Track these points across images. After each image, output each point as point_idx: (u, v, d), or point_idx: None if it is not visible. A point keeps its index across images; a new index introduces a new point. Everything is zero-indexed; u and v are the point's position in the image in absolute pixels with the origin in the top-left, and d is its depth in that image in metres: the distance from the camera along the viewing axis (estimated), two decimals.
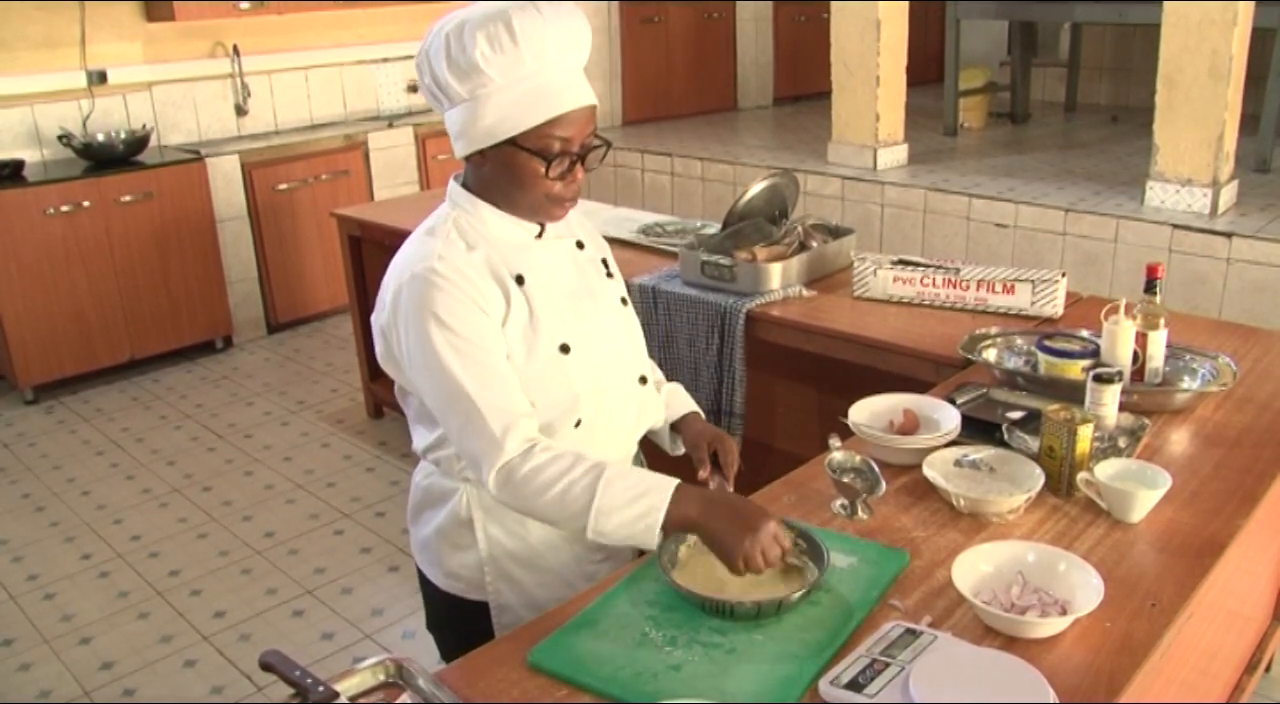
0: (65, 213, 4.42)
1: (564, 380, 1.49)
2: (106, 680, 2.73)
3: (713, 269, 2.80)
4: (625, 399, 1.61)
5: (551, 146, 1.41)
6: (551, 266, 1.54)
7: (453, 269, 1.43)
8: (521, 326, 1.47)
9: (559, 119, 1.40)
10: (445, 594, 1.65)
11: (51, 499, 3.72)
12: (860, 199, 5.04)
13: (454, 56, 1.38)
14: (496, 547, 1.59)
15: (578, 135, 1.43)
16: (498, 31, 1.35)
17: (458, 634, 1.65)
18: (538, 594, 1.60)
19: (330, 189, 5.28)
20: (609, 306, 1.60)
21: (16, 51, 4.69)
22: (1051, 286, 2.49)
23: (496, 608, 1.62)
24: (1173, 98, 4.18)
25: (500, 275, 1.47)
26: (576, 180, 1.47)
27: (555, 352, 1.48)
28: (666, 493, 1.39)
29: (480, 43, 1.35)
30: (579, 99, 1.41)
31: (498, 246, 1.50)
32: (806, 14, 7.43)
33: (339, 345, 5.13)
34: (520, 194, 1.47)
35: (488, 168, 1.46)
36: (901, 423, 1.87)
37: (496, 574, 1.60)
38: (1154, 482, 1.60)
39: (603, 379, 1.55)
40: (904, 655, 1.26)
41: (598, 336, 1.55)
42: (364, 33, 5.87)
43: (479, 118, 1.40)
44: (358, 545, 3.34)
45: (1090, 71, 7.23)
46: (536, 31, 1.36)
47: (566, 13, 1.41)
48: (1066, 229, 4.33)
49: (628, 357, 1.62)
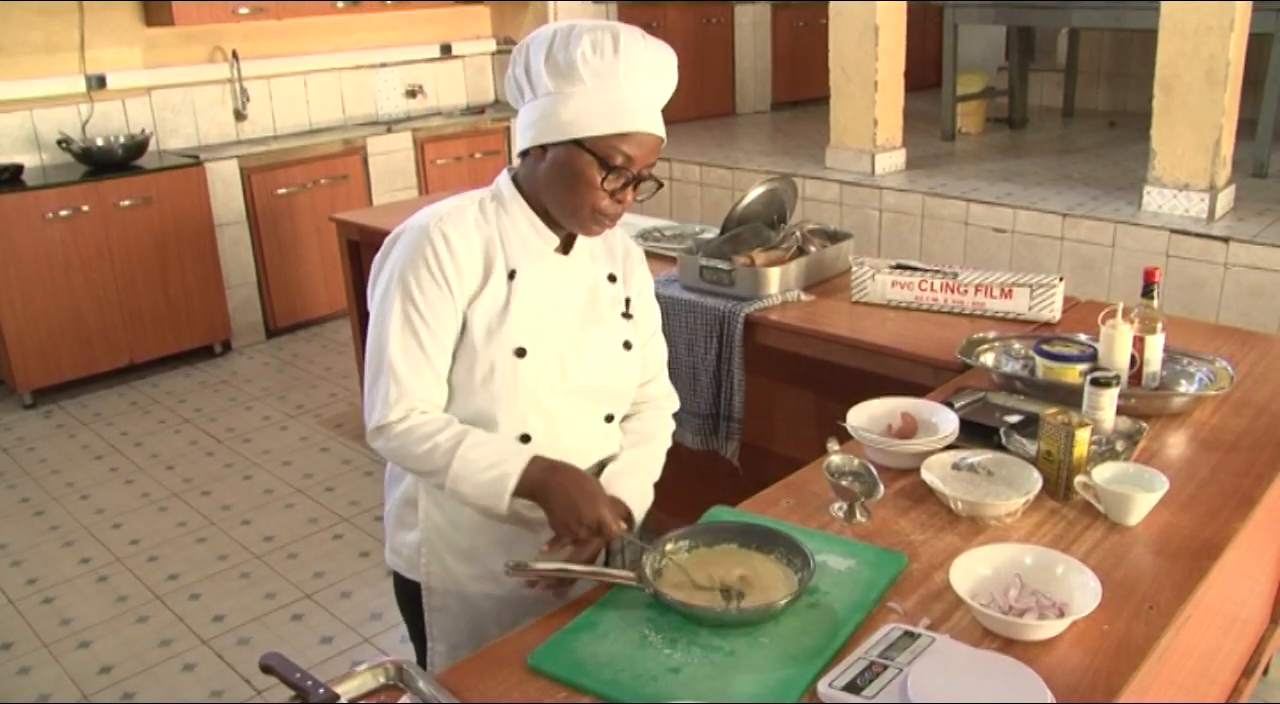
0: (64, 217, 4.43)
1: (510, 381, 1.53)
2: (106, 684, 2.73)
3: (711, 274, 2.80)
4: (586, 430, 1.62)
5: (614, 157, 1.45)
6: (558, 280, 1.57)
7: (445, 234, 1.49)
8: (490, 315, 1.52)
9: (630, 135, 1.44)
10: (391, 570, 1.73)
11: (50, 503, 3.72)
12: (858, 204, 5.05)
13: (555, 52, 1.44)
14: (433, 531, 1.63)
15: (640, 159, 1.47)
16: (603, 39, 1.43)
17: (403, 610, 1.75)
18: (468, 586, 1.64)
19: (329, 194, 5.29)
20: (604, 340, 1.61)
21: (16, 56, 4.70)
22: (1049, 291, 2.50)
23: (427, 590, 1.66)
24: (1170, 103, 4.19)
25: (491, 257, 1.52)
26: (625, 202, 1.50)
27: (511, 352, 1.51)
28: (519, 464, 1.48)
29: (584, 44, 1.42)
30: (651, 125, 1.47)
31: (509, 239, 1.54)
32: (805, 19, 7.45)
33: (338, 350, 5.13)
34: (568, 196, 1.49)
35: (545, 163, 1.49)
36: (900, 426, 1.88)
37: (431, 556, 1.64)
38: (1151, 485, 1.61)
39: (556, 399, 1.56)
40: (902, 658, 1.27)
41: (569, 359, 1.56)
42: (362, 38, 5.89)
43: (556, 113, 1.44)
44: (357, 549, 3.34)
45: (1088, 76, 7.24)
46: (637, 51, 1.44)
47: (665, 49, 1.49)
48: (1064, 234, 4.34)
49: (600, 392, 1.62)
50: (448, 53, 6.30)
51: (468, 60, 6.43)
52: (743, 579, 1.46)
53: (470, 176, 5.82)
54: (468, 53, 6.41)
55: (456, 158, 5.80)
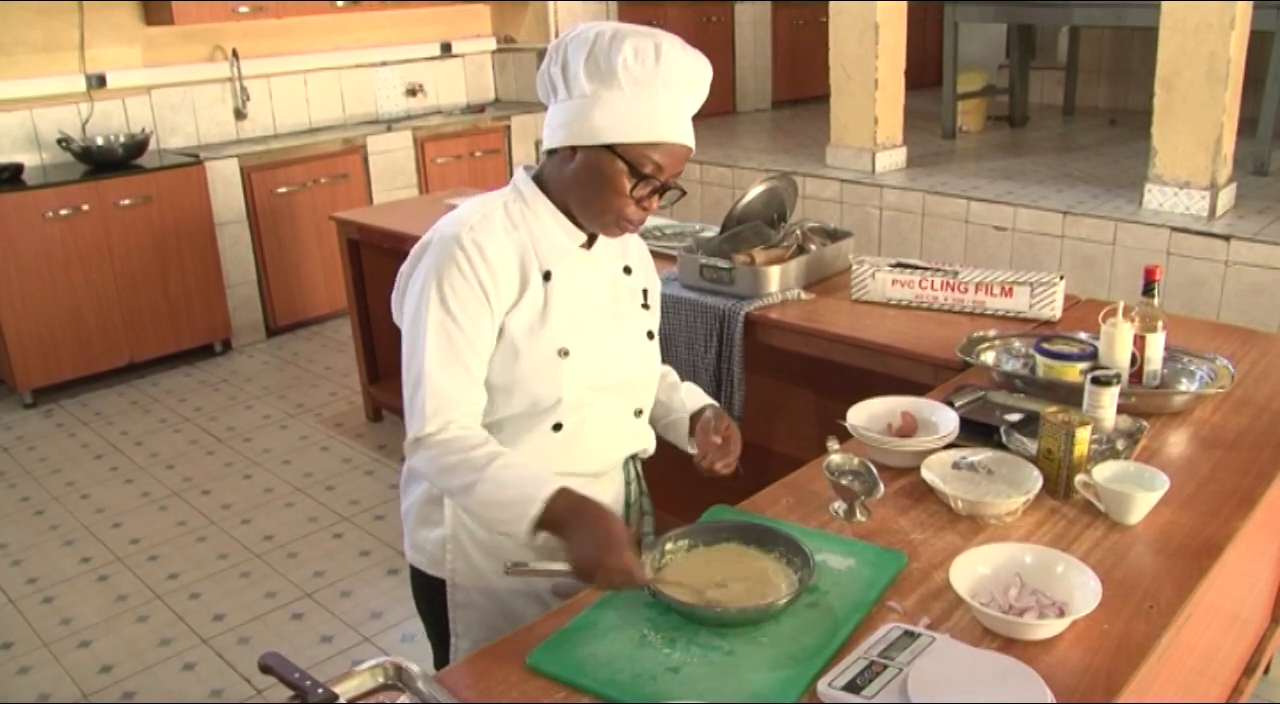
0: (64, 216, 4.43)
1: (554, 381, 1.52)
2: (106, 683, 2.73)
3: (711, 272, 2.80)
4: (615, 423, 1.63)
5: (645, 165, 1.45)
6: (585, 276, 1.57)
7: (478, 243, 1.48)
8: (530, 318, 1.51)
9: (661, 145, 1.45)
10: (412, 567, 1.71)
11: (51, 503, 3.72)
12: (859, 202, 5.05)
13: (596, 54, 1.43)
14: (461, 528, 1.62)
15: (669, 168, 1.48)
16: (646, 47, 1.43)
17: (422, 605, 1.74)
18: (494, 582, 1.63)
19: (329, 192, 5.29)
20: (631, 334, 1.63)
21: (16, 56, 4.70)
22: (1050, 289, 2.50)
23: (452, 586, 1.66)
24: (1171, 101, 4.18)
25: (526, 265, 1.51)
26: (650, 209, 1.51)
27: (554, 353, 1.51)
28: (548, 492, 1.41)
29: (627, 50, 1.42)
30: (683, 136, 1.48)
31: (539, 240, 1.53)
32: (805, 17, 7.44)
33: (338, 348, 5.13)
34: (595, 200, 1.49)
35: (574, 165, 1.49)
36: (900, 425, 1.88)
37: (457, 554, 1.64)
38: (1152, 484, 1.60)
39: (594, 395, 1.57)
40: (902, 657, 1.27)
41: (605, 355, 1.57)
42: (362, 36, 5.88)
43: (590, 116, 1.43)
44: (357, 548, 3.34)
45: (1088, 74, 7.23)
46: (678, 61, 1.45)
47: (703, 61, 1.50)
48: (1065, 232, 4.33)
49: (631, 385, 1.64)
50: (448, 52, 6.30)
51: (468, 59, 6.42)
52: (742, 578, 1.45)
53: (470, 175, 5.83)
54: (468, 51, 6.41)
55: (457, 157, 5.79)
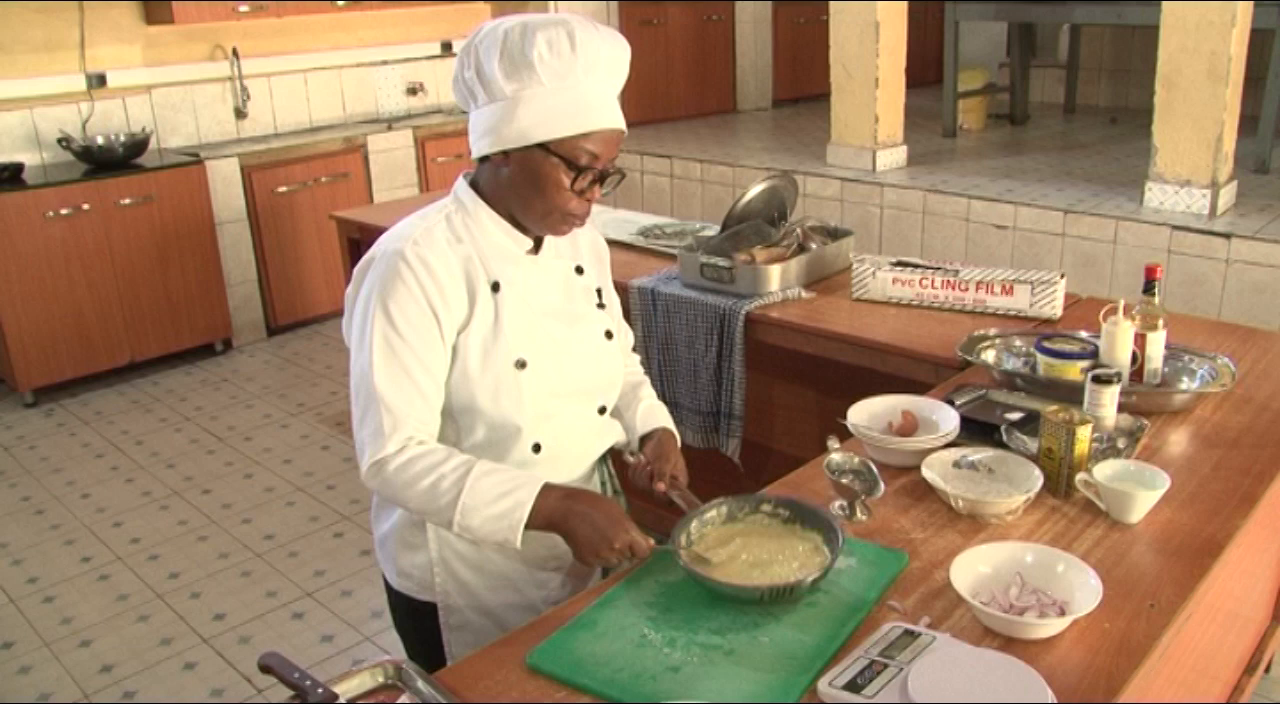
0: (65, 216, 4.43)
1: (514, 394, 1.49)
2: (107, 683, 2.73)
3: (712, 271, 2.80)
4: (582, 424, 1.62)
5: (580, 157, 1.42)
6: (536, 282, 1.55)
7: (422, 258, 1.44)
8: (483, 333, 1.48)
9: (593, 134, 1.42)
10: (398, 593, 1.67)
11: (51, 502, 3.72)
12: (859, 201, 5.05)
13: (509, 52, 1.39)
14: (446, 548, 1.59)
15: (605, 155, 1.45)
16: (559, 37, 1.38)
17: (410, 633, 1.69)
18: (486, 598, 1.61)
19: (330, 191, 5.29)
20: (587, 334, 1.60)
21: (16, 55, 4.70)
22: (1050, 288, 2.50)
23: (445, 609, 1.62)
24: (1171, 99, 4.18)
25: (473, 278, 1.48)
26: (592, 199, 1.49)
27: (511, 366, 1.48)
28: (531, 492, 1.43)
29: (540, 43, 1.38)
30: (614, 120, 1.44)
31: (484, 250, 1.50)
32: (805, 16, 7.43)
33: (339, 347, 5.13)
34: (537, 201, 1.46)
35: (509, 170, 1.46)
36: (900, 424, 1.87)
37: (446, 575, 1.60)
38: (1152, 482, 1.60)
39: (557, 402, 1.55)
40: (903, 656, 1.26)
41: (564, 360, 1.55)
42: (363, 35, 5.88)
43: (514, 118, 1.40)
44: (357, 548, 3.34)
45: (1089, 73, 7.23)
46: (593, 46, 1.40)
47: (618, 39, 1.46)
48: (1065, 230, 4.33)
49: (593, 386, 1.62)
50: (448, 50, 6.29)
51: None
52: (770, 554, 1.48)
53: None
54: None
55: (457, 155, 5.79)
